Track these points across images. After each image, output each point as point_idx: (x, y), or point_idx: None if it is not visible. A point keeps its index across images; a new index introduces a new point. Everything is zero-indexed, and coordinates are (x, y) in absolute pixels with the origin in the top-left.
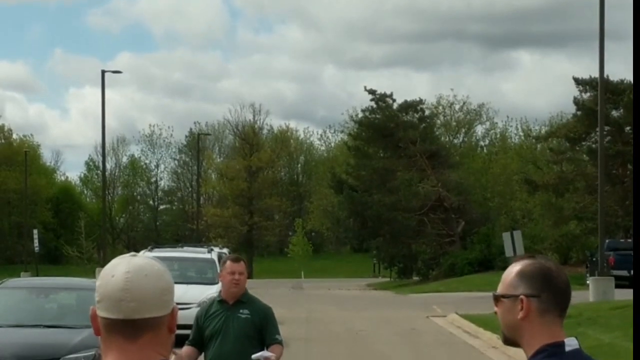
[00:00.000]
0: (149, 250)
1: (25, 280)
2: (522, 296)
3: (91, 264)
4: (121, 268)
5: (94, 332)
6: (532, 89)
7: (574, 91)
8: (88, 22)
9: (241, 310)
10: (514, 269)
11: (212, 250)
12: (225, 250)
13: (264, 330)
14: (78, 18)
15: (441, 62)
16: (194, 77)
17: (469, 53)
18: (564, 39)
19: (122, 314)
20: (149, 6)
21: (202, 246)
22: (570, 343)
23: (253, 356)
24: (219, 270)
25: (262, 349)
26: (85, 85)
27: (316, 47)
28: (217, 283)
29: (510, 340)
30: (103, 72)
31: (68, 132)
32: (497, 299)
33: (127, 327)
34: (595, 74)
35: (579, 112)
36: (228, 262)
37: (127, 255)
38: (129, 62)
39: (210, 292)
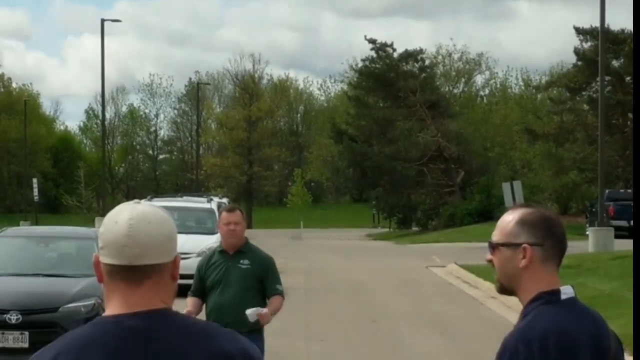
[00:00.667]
0: (149, 200)
1: (25, 229)
2: (525, 245)
3: (90, 213)
4: (125, 215)
5: (97, 279)
6: (531, 38)
7: (573, 41)
8: None
9: (241, 261)
10: (513, 217)
11: (211, 200)
12: (224, 200)
13: (264, 280)
14: None
15: (440, 11)
16: (192, 26)
17: (468, 2)
18: None
19: (125, 259)
20: None
21: (201, 196)
22: (566, 291)
23: (247, 311)
24: (218, 220)
25: (263, 299)
26: (84, 33)
27: None
28: (216, 233)
29: (506, 289)
30: (102, 20)
31: (66, 81)
32: (495, 247)
33: (130, 273)
34: (596, 23)
35: (579, 62)
36: (224, 213)
37: (131, 202)
38: (127, 10)
39: (210, 241)
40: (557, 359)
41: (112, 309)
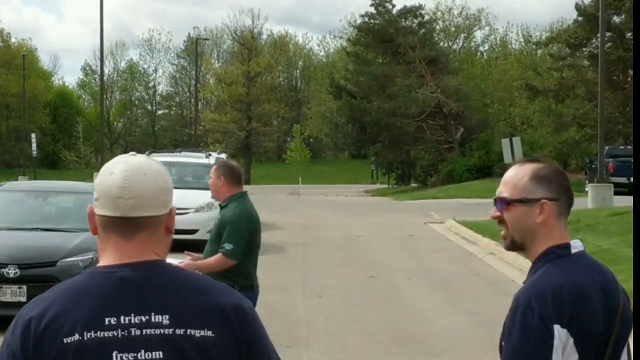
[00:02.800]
0: (147, 155)
1: (23, 183)
2: (544, 200)
3: (89, 169)
4: (120, 166)
5: (91, 231)
6: None
7: None
8: None
9: (219, 214)
10: (525, 172)
11: (209, 155)
12: (223, 156)
13: (222, 233)
14: None
15: None
16: None
17: None
18: None
19: (119, 211)
20: None
21: (200, 151)
22: (576, 245)
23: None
24: None
25: None
26: None
27: None
28: None
29: (518, 246)
30: None
31: (64, 36)
32: (509, 203)
33: (124, 225)
34: None
35: (579, 18)
36: None
37: (127, 154)
38: None
39: (208, 197)
40: (571, 311)
41: (105, 260)
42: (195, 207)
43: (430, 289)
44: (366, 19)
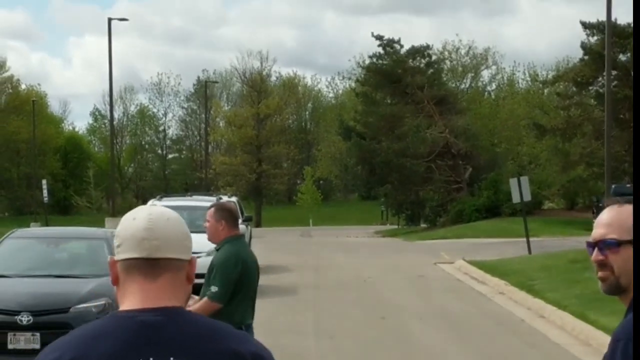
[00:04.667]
0: (158, 200)
1: (35, 230)
2: None
3: (100, 214)
4: (143, 212)
5: (111, 281)
6: (534, 33)
7: (577, 35)
8: None
9: (213, 257)
10: (629, 212)
11: (220, 198)
12: (234, 199)
13: (208, 276)
14: None
15: (440, 7)
16: (194, 25)
17: None
18: None
19: (144, 252)
20: None
21: (211, 195)
22: None
23: None
24: None
25: None
26: (85, 33)
27: None
28: None
29: (623, 289)
30: (109, 19)
31: (71, 81)
32: (619, 244)
33: (148, 266)
34: (601, 17)
35: (586, 57)
36: None
37: (146, 205)
38: (128, 9)
39: None
40: None
41: (126, 304)
42: (207, 251)
43: (441, 329)
44: (374, 59)
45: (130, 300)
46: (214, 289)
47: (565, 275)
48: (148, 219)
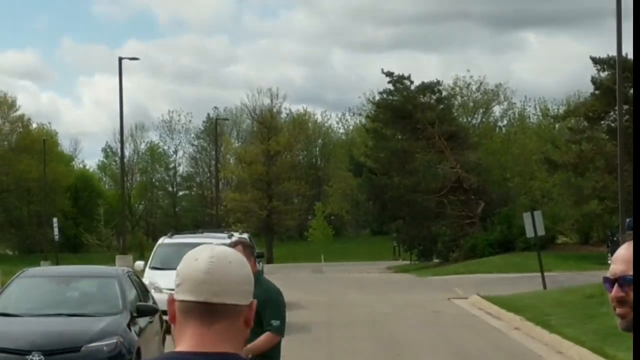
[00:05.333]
0: (169, 237)
1: (45, 268)
2: None
3: (111, 251)
4: (205, 253)
5: (169, 319)
6: (543, 69)
7: (586, 70)
8: (93, 10)
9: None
10: None
11: (232, 235)
12: (245, 235)
13: (262, 313)
14: (84, 6)
15: (448, 43)
16: (202, 63)
17: (476, 34)
18: (570, 19)
19: (202, 296)
20: None
21: (222, 232)
22: None
23: None
24: None
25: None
26: (95, 73)
27: (322, 31)
28: None
29: None
30: (120, 59)
31: (82, 119)
32: None
33: (205, 311)
34: (610, 52)
35: (597, 91)
36: None
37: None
38: (136, 49)
39: None
40: None
41: (181, 346)
42: None
43: None
44: (384, 95)
45: (186, 342)
46: (275, 322)
47: (581, 311)
48: (209, 262)
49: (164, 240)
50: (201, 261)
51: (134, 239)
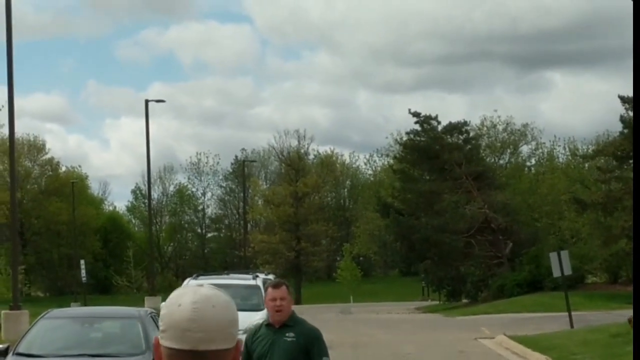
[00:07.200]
0: (194, 278)
1: (69, 310)
2: None
3: (140, 293)
4: (188, 297)
5: None
6: (569, 107)
7: (614, 109)
8: (119, 54)
9: (287, 334)
10: None
11: (257, 276)
12: (270, 277)
13: (310, 352)
14: (108, 49)
15: (472, 84)
16: (226, 105)
17: (500, 74)
18: (595, 57)
19: (188, 344)
20: (177, 36)
21: (247, 273)
22: None
23: None
24: (264, 296)
25: None
26: (121, 115)
27: (345, 73)
28: (263, 309)
29: None
30: (147, 101)
31: (109, 162)
32: None
33: (191, 358)
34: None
35: (625, 130)
36: (269, 289)
37: (193, 284)
38: (161, 91)
39: (256, 317)
40: None
41: None
42: (244, 329)
43: None
44: (412, 136)
45: None
46: (326, 359)
47: (607, 350)
48: (192, 309)
49: (189, 281)
50: (184, 307)
51: (164, 281)
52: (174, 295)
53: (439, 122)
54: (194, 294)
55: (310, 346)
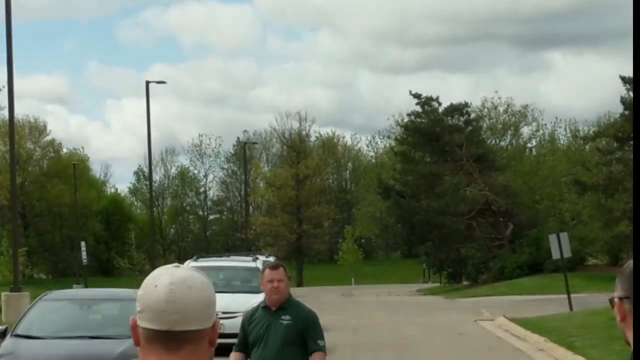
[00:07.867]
0: (194, 260)
1: (68, 291)
2: None
3: (142, 275)
4: (164, 279)
5: (134, 343)
6: (571, 88)
7: (615, 89)
8: (120, 34)
9: (283, 317)
10: None
11: (257, 258)
12: (271, 259)
13: (306, 336)
14: (109, 30)
15: (475, 65)
16: (228, 86)
17: (502, 55)
18: (597, 38)
19: (164, 325)
20: (178, 17)
21: (247, 255)
22: None
23: None
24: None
25: (305, 355)
26: (122, 97)
27: (347, 54)
28: (262, 291)
29: None
30: (147, 83)
31: (111, 144)
32: None
33: (168, 339)
34: None
35: (626, 111)
36: (266, 270)
37: (170, 265)
38: (163, 72)
39: (256, 300)
40: None
41: None
42: (243, 310)
43: None
44: (412, 118)
45: None
46: (321, 342)
47: (606, 332)
48: (169, 289)
49: (189, 263)
50: (161, 289)
51: (165, 263)
52: (151, 276)
53: (439, 104)
54: (170, 275)
55: (306, 329)
